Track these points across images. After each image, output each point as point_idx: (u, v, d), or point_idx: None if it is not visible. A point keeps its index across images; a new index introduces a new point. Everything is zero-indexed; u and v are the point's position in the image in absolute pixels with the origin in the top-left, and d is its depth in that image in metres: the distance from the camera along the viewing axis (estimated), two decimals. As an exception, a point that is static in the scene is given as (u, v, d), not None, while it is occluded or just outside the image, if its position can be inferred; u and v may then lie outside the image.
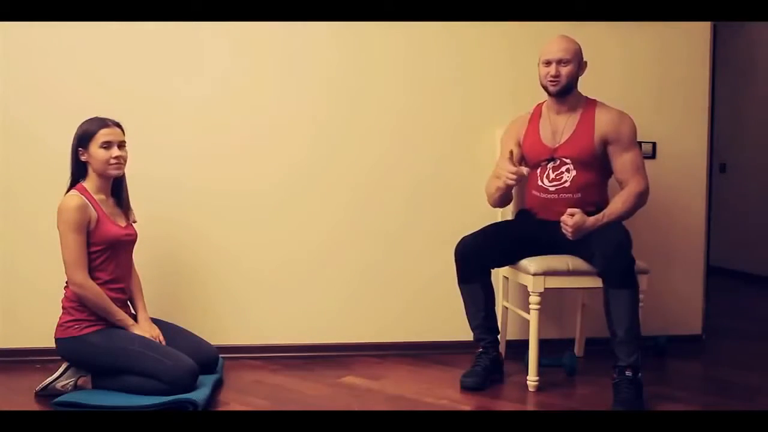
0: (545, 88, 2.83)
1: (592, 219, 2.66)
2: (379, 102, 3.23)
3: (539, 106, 2.95)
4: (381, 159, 3.24)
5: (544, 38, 2.90)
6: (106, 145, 2.57)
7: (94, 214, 2.55)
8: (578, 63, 2.80)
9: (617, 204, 2.72)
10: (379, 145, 3.24)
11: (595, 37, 3.32)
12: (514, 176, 2.70)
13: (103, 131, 2.56)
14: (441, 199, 3.28)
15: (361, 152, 3.23)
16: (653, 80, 3.41)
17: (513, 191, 2.93)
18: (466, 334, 2.94)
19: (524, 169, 2.72)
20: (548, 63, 2.78)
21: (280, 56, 3.16)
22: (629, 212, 2.74)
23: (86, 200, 2.54)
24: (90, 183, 2.60)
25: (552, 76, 2.77)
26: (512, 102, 3.20)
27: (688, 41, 3.43)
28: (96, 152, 2.56)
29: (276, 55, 3.16)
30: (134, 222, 2.74)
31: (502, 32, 3.27)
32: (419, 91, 3.25)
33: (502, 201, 2.93)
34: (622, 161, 2.76)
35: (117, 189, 2.69)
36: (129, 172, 2.73)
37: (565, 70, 2.76)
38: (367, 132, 3.23)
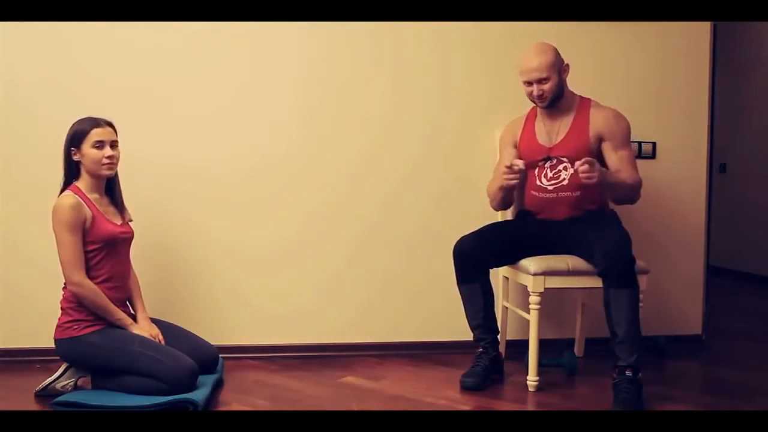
0: (533, 102, 2.84)
1: (603, 170, 2.60)
2: (378, 103, 3.23)
3: (535, 107, 2.95)
4: (381, 159, 3.24)
5: (544, 38, 2.90)
6: (99, 145, 2.57)
7: (88, 212, 2.55)
8: (558, 72, 2.77)
9: (623, 174, 2.70)
10: (379, 146, 3.24)
11: (596, 37, 3.32)
12: (510, 173, 2.70)
13: (95, 131, 2.57)
14: (441, 199, 3.28)
15: (361, 153, 3.23)
16: (653, 80, 3.41)
17: (514, 194, 2.93)
18: (466, 334, 2.94)
19: (518, 162, 2.70)
20: (529, 83, 2.77)
21: (276, 54, 3.16)
22: (628, 189, 2.72)
23: (80, 199, 2.54)
24: (83, 183, 2.60)
25: (536, 96, 2.77)
26: (512, 102, 3.19)
27: (688, 41, 3.43)
28: (88, 152, 2.56)
29: (271, 53, 3.15)
30: (130, 221, 2.74)
31: (503, 32, 3.27)
32: (418, 91, 3.25)
33: (504, 203, 2.93)
34: (618, 157, 2.75)
35: (110, 188, 2.69)
36: (132, 170, 2.74)
37: (547, 86, 2.75)
38: (364, 132, 3.23)
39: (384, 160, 3.24)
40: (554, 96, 2.77)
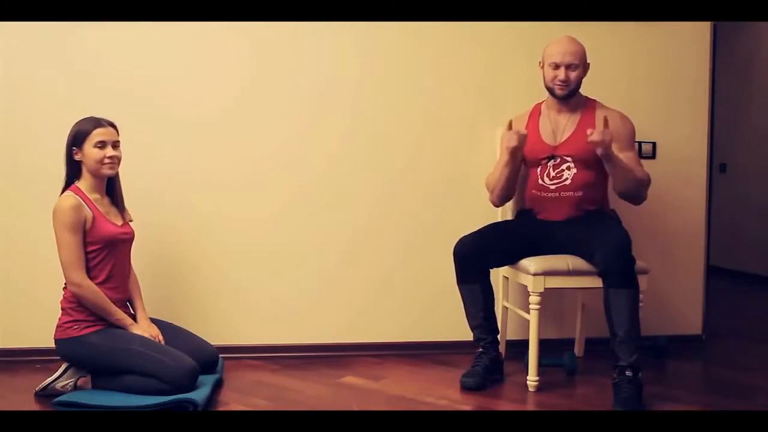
0: (551, 90, 2.83)
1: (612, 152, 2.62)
2: (378, 102, 3.23)
3: (538, 104, 2.95)
4: (381, 159, 3.24)
5: (545, 38, 2.91)
6: (101, 145, 2.57)
7: (89, 213, 2.55)
8: (584, 66, 2.80)
9: (633, 165, 2.72)
10: (378, 145, 3.23)
11: (596, 37, 3.31)
12: (515, 137, 2.70)
13: (97, 130, 2.57)
14: (441, 198, 3.28)
15: (360, 153, 3.23)
16: (654, 80, 3.41)
17: (515, 188, 2.92)
18: (466, 334, 2.94)
19: (520, 132, 2.72)
20: (557, 66, 2.76)
21: (291, 59, 3.16)
22: (637, 182, 2.72)
23: (81, 200, 2.54)
24: (84, 183, 2.60)
25: (561, 81, 2.76)
26: (513, 101, 3.19)
27: (688, 41, 3.43)
28: (90, 151, 2.56)
29: (287, 58, 3.15)
30: (131, 221, 2.74)
31: (505, 32, 3.27)
32: (418, 90, 3.25)
33: (504, 191, 2.87)
34: (625, 158, 2.75)
35: (111, 188, 2.69)
36: (131, 171, 2.74)
37: (574, 75, 2.76)
38: (363, 132, 3.23)
39: (384, 160, 3.24)
40: (574, 88, 2.78)
